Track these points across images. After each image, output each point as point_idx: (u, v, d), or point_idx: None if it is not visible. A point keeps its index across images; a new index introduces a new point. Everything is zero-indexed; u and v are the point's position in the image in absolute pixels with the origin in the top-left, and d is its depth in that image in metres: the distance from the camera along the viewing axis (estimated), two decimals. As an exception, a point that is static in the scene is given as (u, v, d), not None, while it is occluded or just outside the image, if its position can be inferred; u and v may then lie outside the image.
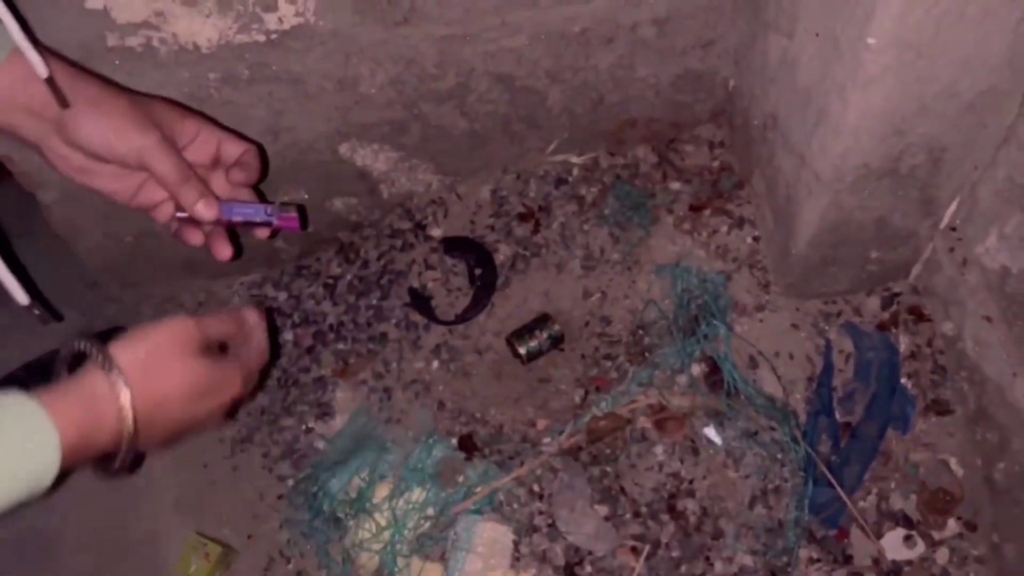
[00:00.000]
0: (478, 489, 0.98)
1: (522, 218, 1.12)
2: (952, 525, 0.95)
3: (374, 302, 1.14)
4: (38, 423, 0.55)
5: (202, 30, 0.89)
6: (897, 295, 1.02)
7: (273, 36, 0.90)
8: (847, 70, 0.74)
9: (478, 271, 1.10)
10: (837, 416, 0.98)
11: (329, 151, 1.06)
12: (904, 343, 1.00)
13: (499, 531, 0.96)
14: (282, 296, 1.19)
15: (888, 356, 0.99)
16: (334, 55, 0.94)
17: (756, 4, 0.92)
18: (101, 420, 0.59)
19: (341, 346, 1.12)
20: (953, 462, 0.97)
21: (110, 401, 0.59)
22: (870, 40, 0.69)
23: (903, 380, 0.98)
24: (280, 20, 0.89)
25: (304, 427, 1.08)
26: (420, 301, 1.11)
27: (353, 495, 0.99)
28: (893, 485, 0.97)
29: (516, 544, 0.96)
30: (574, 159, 1.14)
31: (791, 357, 1.01)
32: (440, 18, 0.92)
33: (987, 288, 0.89)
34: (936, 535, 0.95)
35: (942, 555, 0.95)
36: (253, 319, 0.77)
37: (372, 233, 1.18)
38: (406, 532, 0.96)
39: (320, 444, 1.07)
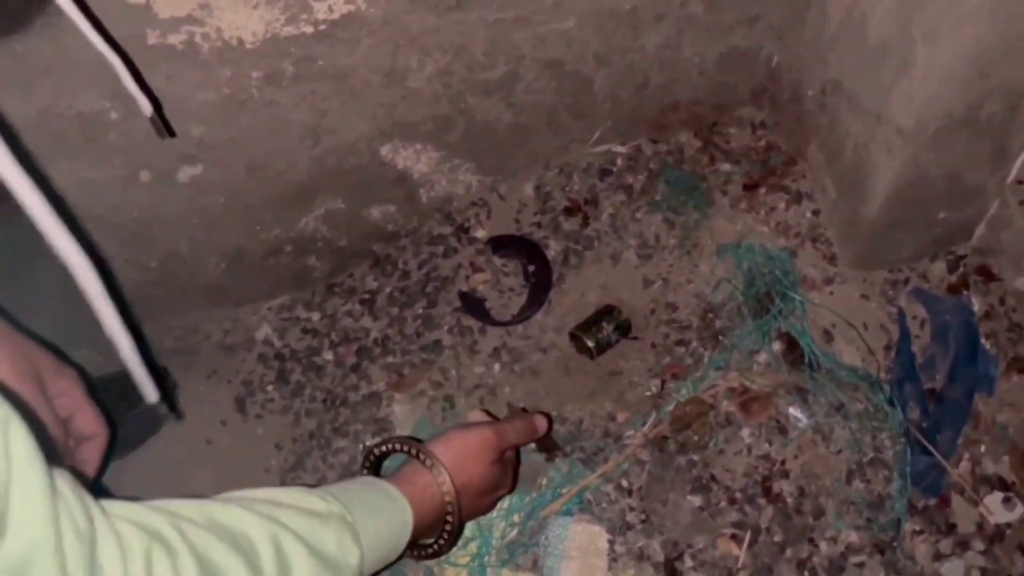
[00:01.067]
0: (564, 490, 0.92)
1: (569, 212, 1.09)
2: (1047, 484, 0.94)
3: (421, 311, 1.08)
4: (403, 506, 0.70)
5: (248, 23, 0.84)
6: (962, 257, 1.01)
7: (322, 27, 0.86)
8: (938, 12, 0.73)
9: (531, 268, 1.06)
10: (922, 382, 0.96)
11: (370, 153, 1.02)
12: (977, 304, 0.99)
13: (592, 532, 0.90)
14: (315, 317, 1.13)
15: (964, 318, 0.97)
16: (383, 45, 0.90)
17: (809, -31, 0.92)
18: (425, 506, 0.72)
19: (391, 359, 1.06)
20: (1039, 419, 0.96)
21: (435, 492, 0.74)
22: (970, -27, 0.68)
23: (982, 341, 0.97)
24: (331, 8, 0.85)
25: (361, 446, 1.02)
26: (473, 304, 1.06)
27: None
28: (983, 448, 0.95)
29: (611, 544, 0.90)
30: (618, 148, 1.12)
31: (865, 328, 0.99)
32: (493, 2, 0.89)
33: (1066, 235, 0.89)
34: (1033, 495, 0.93)
35: (1042, 515, 0.93)
36: (543, 427, 0.88)
37: (409, 242, 1.13)
38: (493, 542, 0.90)
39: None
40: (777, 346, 0.97)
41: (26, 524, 0.39)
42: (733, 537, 0.90)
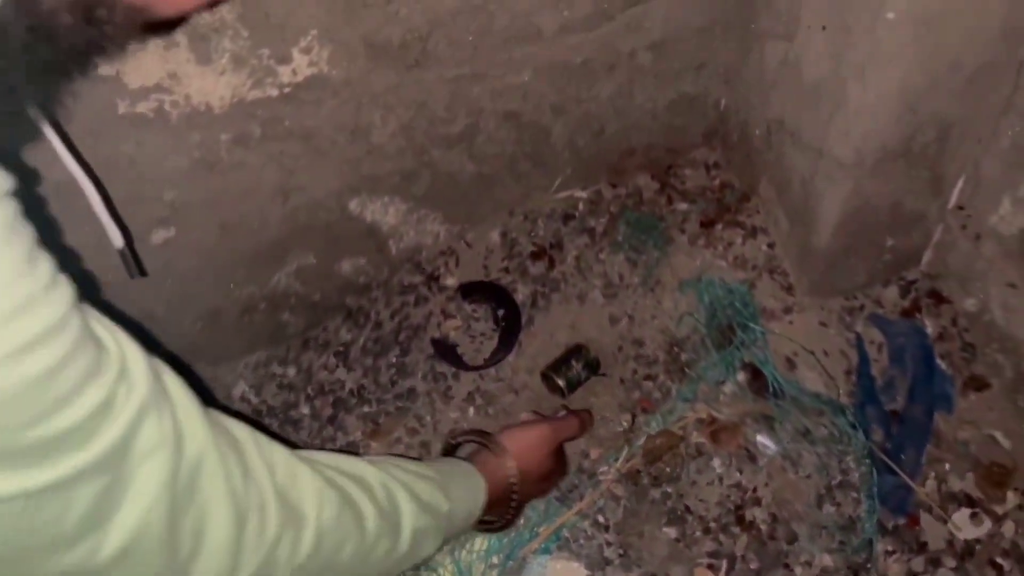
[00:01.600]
0: (541, 528, 0.93)
1: (535, 256, 1.13)
2: (1011, 497, 0.96)
3: (394, 360, 1.11)
4: (479, 481, 0.83)
5: (215, 88, 0.88)
6: (913, 282, 1.05)
7: (287, 89, 0.90)
8: (865, 52, 0.78)
9: (500, 312, 1.09)
10: (883, 404, 0.99)
11: (339, 208, 1.05)
12: (930, 326, 1.03)
13: (571, 569, 0.91)
14: (291, 371, 1.15)
15: (919, 340, 1.01)
16: (347, 104, 0.94)
17: (747, 18, 0.97)
18: (494, 486, 0.84)
19: (366, 409, 1.08)
20: (999, 435, 0.98)
21: (502, 475, 0.85)
22: (889, 15, 0.73)
23: (937, 361, 1.00)
24: (294, 72, 0.89)
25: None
26: (445, 350, 1.09)
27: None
28: (948, 467, 0.97)
29: (591, 580, 0.91)
30: (579, 193, 1.16)
31: (825, 354, 1.02)
32: (451, 58, 0.94)
33: (1006, 256, 0.93)
34: (999, 509, 0.95)
35: (1008, 528, 0.95)
36: (589, 423, 0.99)
37: (381, 293, 1.16)
38: (474, 584, 0.91)
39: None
40: (742, 376, 1.00)
41: (196, 436, 0.52)
42: (710, 567, 0.92)
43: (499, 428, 0.92)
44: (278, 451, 0.62)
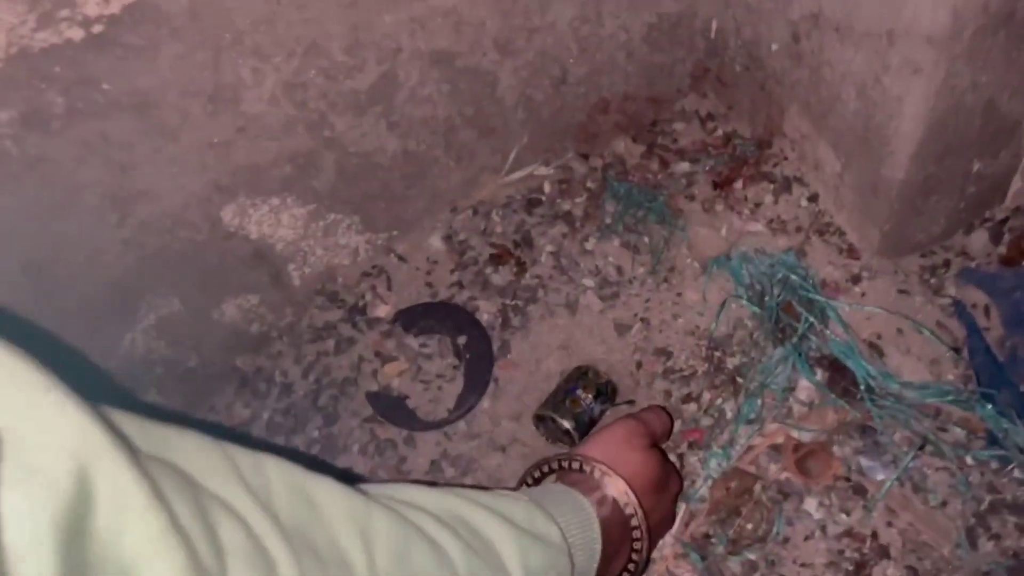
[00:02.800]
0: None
1: (497, 260, 0.81)
2: None
3: (317, 434, 0.77)
4: (583, 502, 0.56)
5: (-24, 31, 0.55)
6: (1003, 222, 0.79)
7: (96, 28, 0.58)
8: None
9: (461, 341, 0.77)
10: (1017, 384, 0.71)
11: (207, 222, 0.72)
12: (1043, 274, 0.76)
13: None
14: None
15: (1036, 292, 0.74)
16: (198, 51, 0.63)
17: None
18: (601, 513, 0.56)
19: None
20: None
21: (603, 494, 0.57)
22: None
23: (1068, 316, 0.74)
24: (105, -3, 0.57)
25: None
26: (389, 406, 0.75)
27: None
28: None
29: None
30: (542, 171, 0.86)
31: (919, 332, 0.74)
32: (345, -33, 0.64)
33: None
34: None
35: None
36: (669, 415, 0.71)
37: (286, 344, 0.82)
38: None
39: None
40: (819, 375, 0.71)
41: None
42: (843, 666, 0.60)
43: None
44: (272, 466, 0.41)
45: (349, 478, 0.47)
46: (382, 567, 0.41)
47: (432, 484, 0.55)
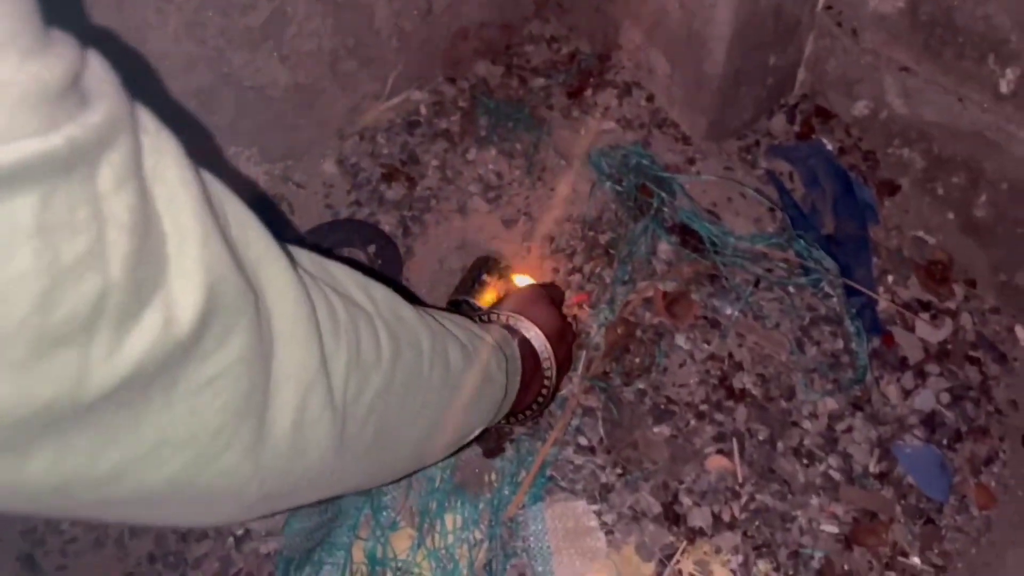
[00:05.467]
0: (521, 477, 0.72)
1: (388, 179, 0.91)
2: (958, 290, 0.91)
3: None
4: (502, 333, 0.65)
5: None
6: (795, 106, 0.98)
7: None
8: None
9: (371, 249, 0.86)
10: (819, 230, 0.90)
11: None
12: (828, 144, 0.96)
13: (574, 508, 0.71)
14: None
15: (825, 158, 0.94)
16: (105, -7, 0.67)
17: None
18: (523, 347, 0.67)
19: None
20: (922, 233, 0.94)
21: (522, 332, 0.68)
22: None
23: (850, 174, 0.94)
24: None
25: (231, 540, 0.74)
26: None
27: (366, 567, 0.68)
28: (891, 278, 0.91)
29: (598, 514, 0.72)
30: (416, 95, 0.96)
31: (743, 197, 0.91)
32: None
33: (893, 39, 0.88)
34: (951, 305, 0.90)
35: (966, 320, 0.90)
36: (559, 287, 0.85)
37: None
38: (463, 571, 0.68)
39: (268, 546, 0.73)
40: (673, 239, 0.86)
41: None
42: (720, 452, 0.77)
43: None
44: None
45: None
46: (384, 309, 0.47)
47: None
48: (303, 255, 0.42)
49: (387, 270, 0.85)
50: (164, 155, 0.30)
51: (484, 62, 0.98)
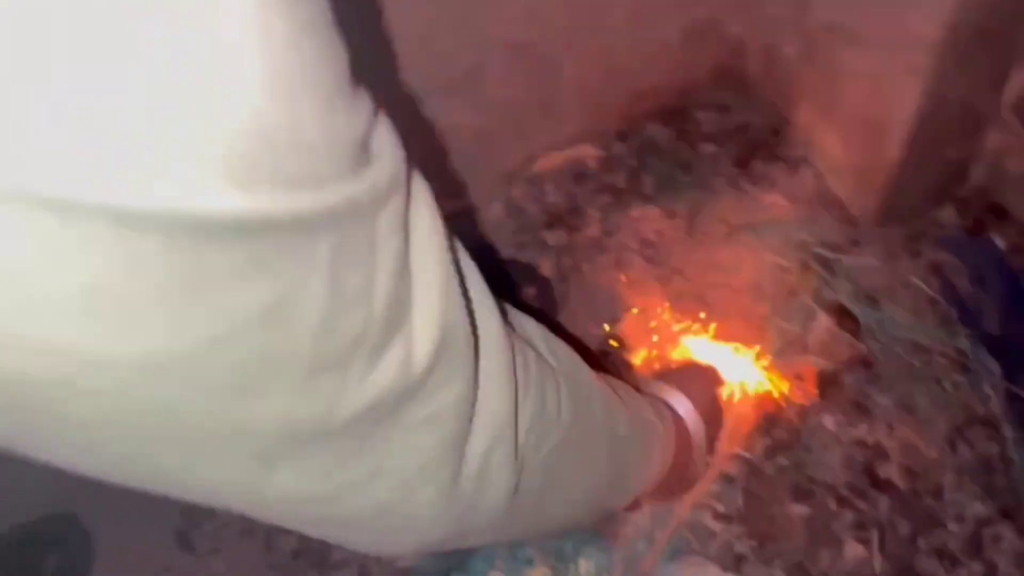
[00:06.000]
0: (657, 533, 0.74)
1: (551, 225, 0.95)
2: None
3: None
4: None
5: None
6: (967, 199, 0.97)
7: None
8: None
9: (531, 292, 0.90)
10: (984, 328, 0.88)
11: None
12: (999, 243, 0.94)
13: (706, 574, 0.72)
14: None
15: (996, 255, 0.92)
16: None
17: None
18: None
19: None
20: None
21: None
22: None
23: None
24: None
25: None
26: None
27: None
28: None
29: (731, 583, 0.72)
30: (588, 149, 1.00)
31: (905, 286, 0.90)
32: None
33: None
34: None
35: None
36: None
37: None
38: (594, 622, 0.70)
39: (404, 562, 0.77)
40: (830, 319, 0.86)
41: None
42: (859, 541, 0.76)
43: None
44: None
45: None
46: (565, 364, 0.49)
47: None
48: (502, 304, 0.43)
49: (545, 313, 0.89)
50: (419, 203, 0.32)
51: (656, 124, 1.02)
